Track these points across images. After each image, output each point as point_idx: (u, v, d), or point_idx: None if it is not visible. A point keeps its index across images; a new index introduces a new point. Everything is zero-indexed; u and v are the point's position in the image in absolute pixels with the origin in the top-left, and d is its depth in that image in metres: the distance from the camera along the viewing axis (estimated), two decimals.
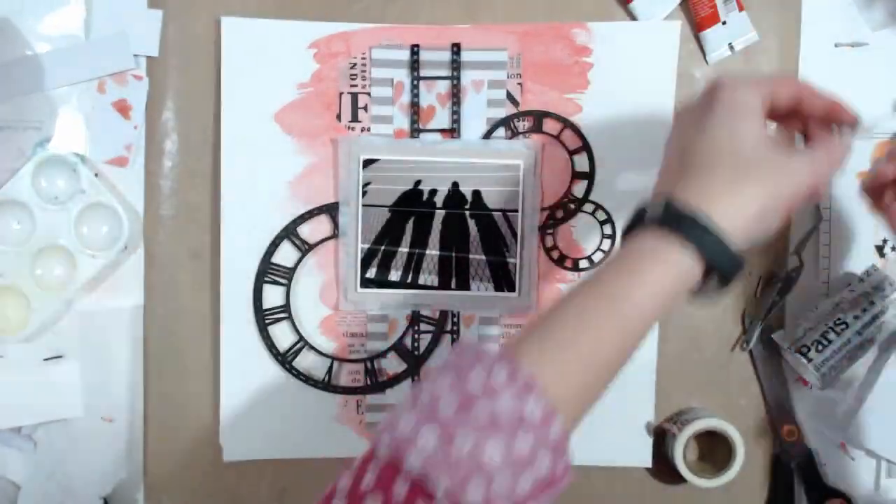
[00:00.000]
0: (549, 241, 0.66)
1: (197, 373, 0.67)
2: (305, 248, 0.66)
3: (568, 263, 0.66)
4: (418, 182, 0.65)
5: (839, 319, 0.63)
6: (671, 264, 0.43)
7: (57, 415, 0.67)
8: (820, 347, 0.63)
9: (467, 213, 0.66)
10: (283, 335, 0.67)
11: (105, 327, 0.66)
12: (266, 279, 0.66)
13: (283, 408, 0.67)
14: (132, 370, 0.67)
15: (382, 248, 0.66)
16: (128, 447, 0.67)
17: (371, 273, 0.66)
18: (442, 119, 0.66)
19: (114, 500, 0.67)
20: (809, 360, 0.62)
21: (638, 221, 0.46)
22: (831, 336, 0.63)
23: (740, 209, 0.43)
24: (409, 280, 0.66)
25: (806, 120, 0.49)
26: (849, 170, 0.66)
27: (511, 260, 0.66)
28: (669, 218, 0.43)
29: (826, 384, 0.63)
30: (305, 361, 0.67)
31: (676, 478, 0.64)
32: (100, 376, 0.67)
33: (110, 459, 0.66)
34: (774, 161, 0.44)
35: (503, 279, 0.66)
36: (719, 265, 0.43)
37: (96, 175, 0.66)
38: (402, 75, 0.66)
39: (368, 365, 0.67)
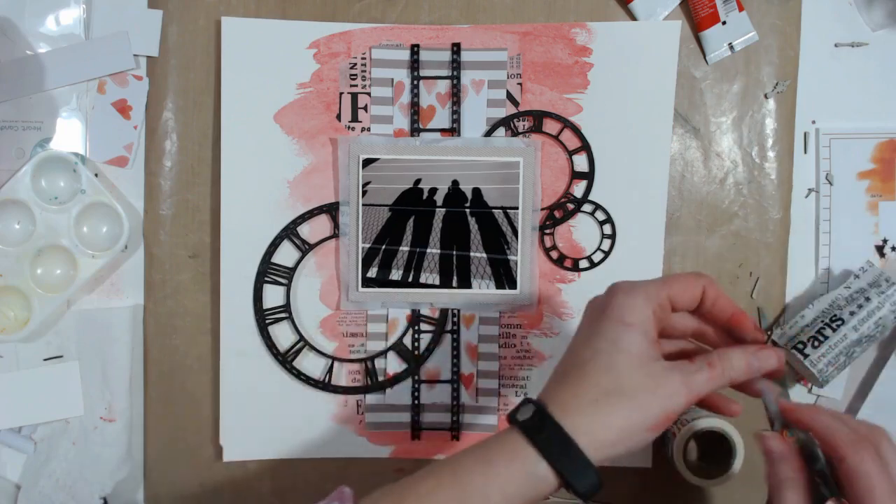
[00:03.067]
0: (549, 242, 0.66)
1: (197, 373, 0.67)
2: (305, 248, 0.66)
3: (567, 263, 0.66)
4: (418, 181, 0.65)
5: (835, 316, 0.63)
6: (526, 470, 0.44)
7: (57, 415, 0.67)
8: (816, 344, 0.62)
9: (467, 210, 0.66)
10: (283, 335, 0.67)
11: (105, 327, 0.66)
12: (266, 279, 0.66)
13: (282, 408, 0.67)
14: (132, 370, 0.67)
15: (383, 247, 0.66)
16: (128, 447, 0.67)
17: (372, 272, 0.66)
18: (442, 119, 0.66)
19: (114, 500, 0.68)
20: (806, 357, 0.62)
21: (521, 409, 0.46)
22: (827, 332, 0.62)
23: (603, 428, 0.44)
24: (410, 279, 0.66)
25: (712, 320, 0.49)
26: (849, 169, 0.66)
27: (512, 257, 0.66)
28: (532, 425, 0.44)
29: (824, 381, 0.63)
30: (305, 361, 0.67)
31: (676, 478, 0.64)
32: (100, 376, 0.67)
33: (110, 459, 0.66)
34: (647, 384, 0.44)
35: (504, 276, 0.66)
36: (571, 481, 0.43)
37: (96, 175, 0.66)
38: (402, 75, 0.66)
39: (368, 365, 0.67)
